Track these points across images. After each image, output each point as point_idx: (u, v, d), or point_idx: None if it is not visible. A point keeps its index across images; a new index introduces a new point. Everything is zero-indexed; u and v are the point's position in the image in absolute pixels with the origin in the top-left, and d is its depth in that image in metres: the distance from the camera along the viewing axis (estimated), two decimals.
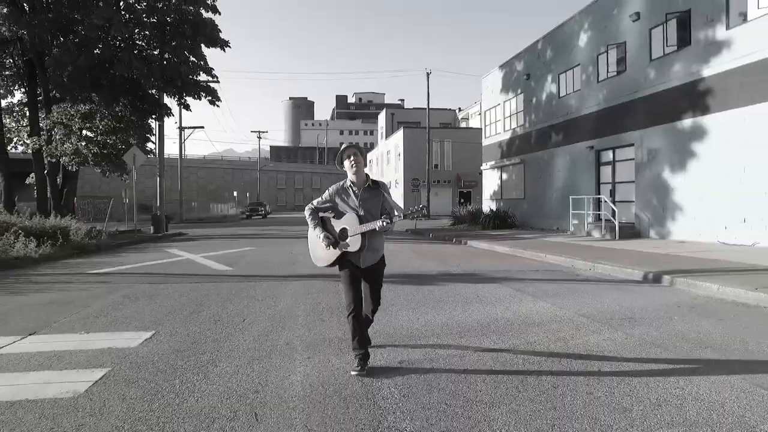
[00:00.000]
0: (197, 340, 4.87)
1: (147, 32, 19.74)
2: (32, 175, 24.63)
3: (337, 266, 4.00)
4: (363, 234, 3.82)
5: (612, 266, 9.80)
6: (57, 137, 21.22)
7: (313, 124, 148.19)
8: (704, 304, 6.53)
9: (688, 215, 14.67)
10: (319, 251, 4.05)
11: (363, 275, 3.99)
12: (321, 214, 4.09)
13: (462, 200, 46.33)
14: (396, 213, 3.87)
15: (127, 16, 19.27)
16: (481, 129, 32.46)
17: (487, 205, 28.97)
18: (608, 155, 18.54)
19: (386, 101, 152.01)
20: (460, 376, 3.76)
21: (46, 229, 14.80)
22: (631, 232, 16.48)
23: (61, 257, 13.40)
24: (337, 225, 3.96)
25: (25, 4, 19.33)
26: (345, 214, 3.93)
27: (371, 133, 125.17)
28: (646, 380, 3.64)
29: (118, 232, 22.20)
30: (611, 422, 2.94)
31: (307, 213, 4.08)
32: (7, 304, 6.85)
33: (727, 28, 13.20)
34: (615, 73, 17.83)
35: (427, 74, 43.00)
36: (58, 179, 22.75)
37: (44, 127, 21.78)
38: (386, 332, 5.07)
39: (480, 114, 33.46)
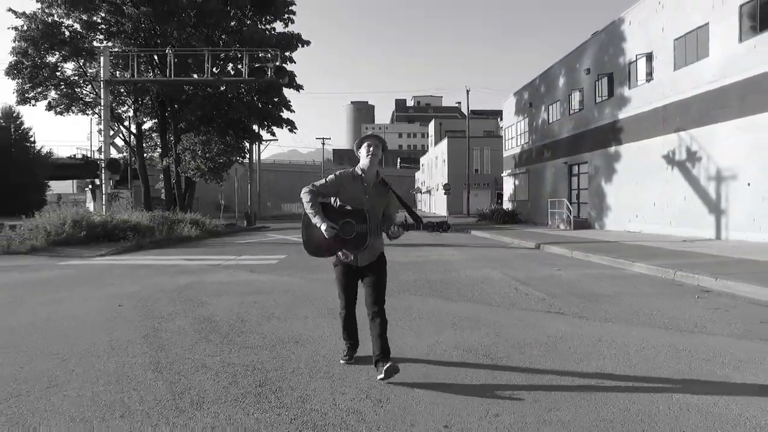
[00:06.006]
0: (301, 259, 12.73)
1: (246, 86, 28.36)
2: (158, 184, 34.12)
3: (332, 259, 3.87)
4: (367, 233, 3.62)
5: (527, 242, 16.97)
6: (186, 158, 30.30)
7: (373, 128, 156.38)
8: (535, 253, 13.81)
9: (614, 212, 21.42)
10: (317, 241, 3.77)
11: (360, 274, 3.83)
12: (320, 200, 3.74)
13: (499, 200, 52.98)
14: (411, 221, 3.76)
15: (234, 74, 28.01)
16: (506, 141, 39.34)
17: (506, 205, 36.01)
18: (575, 169, 25.34)
19: (444, 104, 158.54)
20: (398, 263, 11.44)
21: (187, 221, 23.49)
22: (583, 225, 23.27)
23: (205, 237, 21.96)
24: (340, 216, 3.69)
25: (158, 71, 28.36)
26: (347, 204, 3.73)
27: (428, 135, 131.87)
28: (460, 266, 11.18)
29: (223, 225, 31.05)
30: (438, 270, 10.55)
31: (305, 197, 3.69)
32: (215, 249, 15.21)
33: (629, 88, 19.94)
34: (578, 110, 24.61)
35: (467, 91, 49.73)
36: (182, 187, 31.95)
37: (172, 150, 30.84)
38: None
39: (503, 130, 40.31)
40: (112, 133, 21.02)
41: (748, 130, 13.92)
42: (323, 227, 3.58)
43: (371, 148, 3.73)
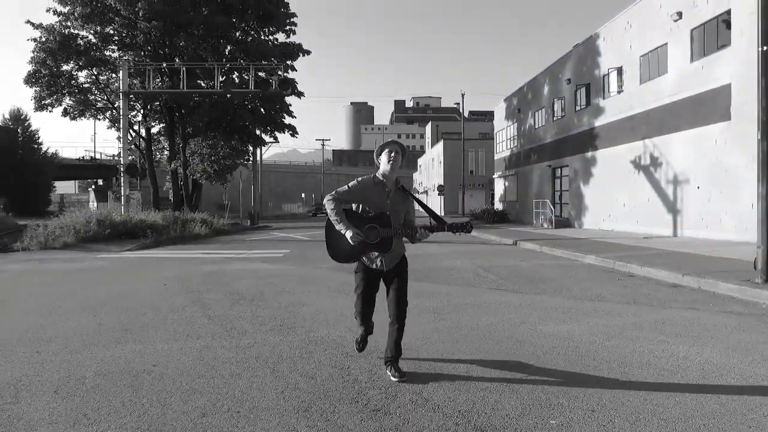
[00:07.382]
0: (305, 253, 14.60)
1: (251, 95, 30.22)
2: (165, 185, 35.89)
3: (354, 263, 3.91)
4: (392, 237, 3.75)
5: (507, 239, 18.77)
6: (194, 161, 32.12)
7: (372, 129, 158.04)
8: (510, 249, 15.64)
9: (590, 212, 23.27)
10: (342, 247, 3.82)
11: (382, 277, 3.94)
12: (343, 206, 3.80)
13: (492, 201, 54.83)
14: (435, 223, 3.94)
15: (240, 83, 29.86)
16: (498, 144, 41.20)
17: (498, 205, 37.89)
18: (558, 172, 27.18)
19: (442, 104, 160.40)
20: None
21: (198, 220, 25.33)
22: (565, 223, 25.11)
23: (214, 235, 23.77)
24: (363, 221, 3.77)
25: (167, 78, 30.16)
26: (370, 209, 3.82)
27: (426, 137, 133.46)
28: (439, 258, 13.01)
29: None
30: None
31: (329, 205, 3.77)
32: (227, 245, 17.04)
33: (603, 98, 21.78)
34: (561, 116, 26.44)
35: (462, 95, 51.44)
36: (190, 189, 33.76)
37: (181, 153, 32.62)
38: None
39: (494, 134, 42.15)
40: (129, 139, 22.79)
41: (697, 139, 15.75)
42: (348, 234, 3.62)
43: (392, 155, 3.85)
